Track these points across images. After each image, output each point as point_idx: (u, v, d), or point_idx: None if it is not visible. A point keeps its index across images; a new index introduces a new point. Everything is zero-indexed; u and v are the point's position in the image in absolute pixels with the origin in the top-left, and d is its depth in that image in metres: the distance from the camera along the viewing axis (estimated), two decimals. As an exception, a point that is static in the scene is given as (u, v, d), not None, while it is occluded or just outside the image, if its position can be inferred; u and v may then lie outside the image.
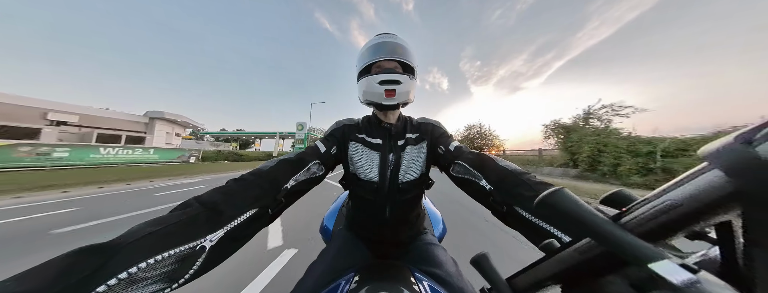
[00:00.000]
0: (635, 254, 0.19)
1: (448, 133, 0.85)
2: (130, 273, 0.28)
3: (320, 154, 0.71)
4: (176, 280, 0.33)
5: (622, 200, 0.29)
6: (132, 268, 0.28)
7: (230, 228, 0.41)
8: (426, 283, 0.54)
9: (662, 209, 0.22)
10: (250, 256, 2.35)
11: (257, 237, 0.50)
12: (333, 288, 0.53)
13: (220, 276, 1.95)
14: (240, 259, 2.05)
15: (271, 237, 2.90)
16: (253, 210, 0.46)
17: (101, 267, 0.27)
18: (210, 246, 0.37)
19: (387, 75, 0.72)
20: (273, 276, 2.03)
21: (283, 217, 1.03)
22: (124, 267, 0.28)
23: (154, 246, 0.31)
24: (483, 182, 0.56)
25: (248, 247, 0.50)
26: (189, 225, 0.36)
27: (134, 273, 0.28)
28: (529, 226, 0.44)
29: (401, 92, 0.73)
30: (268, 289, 1.87)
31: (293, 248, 2.59)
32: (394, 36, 0.81)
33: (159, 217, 0.36)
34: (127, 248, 0.29)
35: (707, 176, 0.20)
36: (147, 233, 0.32)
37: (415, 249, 0.81)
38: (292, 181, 0.58)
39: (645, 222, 0.23)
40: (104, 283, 0.26)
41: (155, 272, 0.31)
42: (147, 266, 0.30)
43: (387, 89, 0.71)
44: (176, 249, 0.33)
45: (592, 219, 0.23)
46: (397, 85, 0.72)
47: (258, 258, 2.36)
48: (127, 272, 0.28)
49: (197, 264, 0.35)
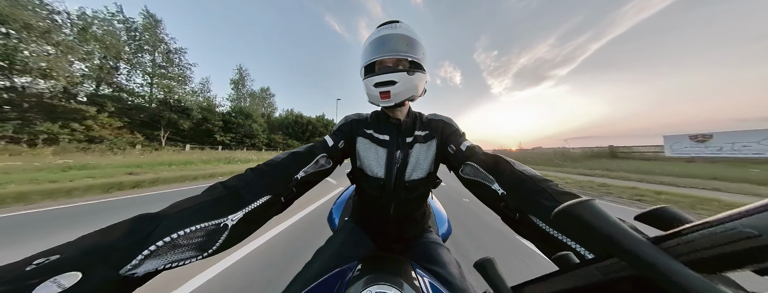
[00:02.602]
0: (681, 284, 0.17)
1: (460, 131, 0.82)
2: (172, 238, 0.35)
3: (328, 148, 0.73)
4: (205, 250, 0.39)
5: (667, 219, 0.25)
6: (173, 234, 0.35)
7: (248, 211, 0.46)
8: (427, 280, 0.54)
9: (729, 238, 0.19)
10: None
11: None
12: (337, 273, 0.57)
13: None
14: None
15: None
16: (267, 197, 0.50)
17: (154, 231, 0.34)
18: (231, 224, 0.43)
19: (381, 76, 0.70)
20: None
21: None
22: (168, 233, 0.35)
23: (190, 218, 0.38)
24: (495, 185, 0.53)
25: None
26: (215, 205, 0.43)
27: (175, 239, 0.35)
28: (544, 237, 0.41)
29: (397, 92, 0.70)
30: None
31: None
32: (396, 26, 0.75)
33: (194, 196, 0.43)
34: (170, 218, 0.37)
35: None
36: (184, 207, 0.39)
37: (419, 246, 0.81)
38: (302, 172, 0.61)
39: (700, 250, 0.20)
40: (154, 244, 0.33)
41: (190, 241, 0.37)
42: (183, 234, 0.36)
43: (382, 90, 0.70)
44: (205, 223, 0.39)
45: (625, 237, 0.21)
46: (392, 86, 0.69)
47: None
48: (170, 237, 0.35)
49: (221, 239, 0.41)
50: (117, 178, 6.44)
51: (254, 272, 2.04)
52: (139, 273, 0.31)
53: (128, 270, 0.30)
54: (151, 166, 9.74)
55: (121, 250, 0.30)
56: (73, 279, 0.25)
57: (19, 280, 0.24)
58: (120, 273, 0.29)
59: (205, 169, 10.12)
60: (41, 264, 0.26)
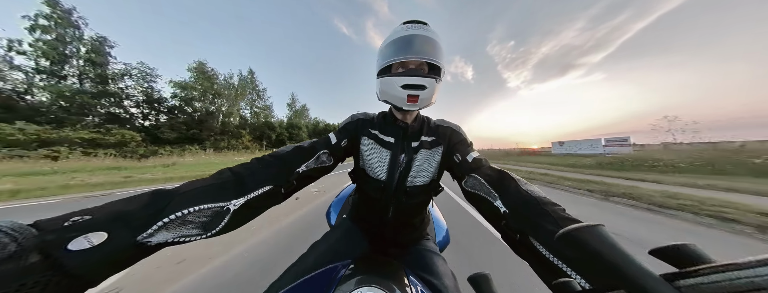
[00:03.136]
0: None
1: (467, 141, 0.81)
2: (183, 214, 0.39)
3: (331, 145, 0.73)
4: (209, 230, 0.42)
5: (688, 257, 0.23)
6: (184, 210, 0.39)
7: (250, 198, 0.49)
8: (419, 288, 0.53)
9: (757, 285, 0.17)
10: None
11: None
12: (330, 269, 0.57)
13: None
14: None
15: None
16: (269, 187, 0.53)
17: (167, 205, 0.38)
18: (233, 209, 0.46)
19: (412, 79, 0.66)
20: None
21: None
22: (179, 208, 0.39)
23: (198, 198, 0.42)
24: (498, 202, 0.52)
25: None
26: (221, 189, 0.46)
27: (185, 215, 0.39)
28: (543, 262, 0.39)
29: (425, 97, 0.68)
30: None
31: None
32: (425, 27, 0.68)
33: (203, 178, 0.48)
34: (182, 195, 0.41)
35: None
36: (194, 187, 0.44)
37: (415, 253, 0.80)
38: (303, 166, 0.63)
39: (720, 292, 0.19)
40: (167, 217, 0.37)
41: (197, 219, 0.41)
42: (192, 212, 0.40)
43: (411, 94, 0.66)
44: (210, 204, 0.43)
45: (634, 269, 0.21)
46: (422, 90, 0.66)
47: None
48: (181, 212, 0.39)
49: (224, 221, 0.44)
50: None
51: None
52: (152, 242, 0.35)
53: (145, 238, 0.34)
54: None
55: (142, 219, 0.35)
56: (101, 238, 0.30)
57: (59, 233, 0.28)
58: (137, 240, 0.33)
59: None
60: (76, 222, 0.30)
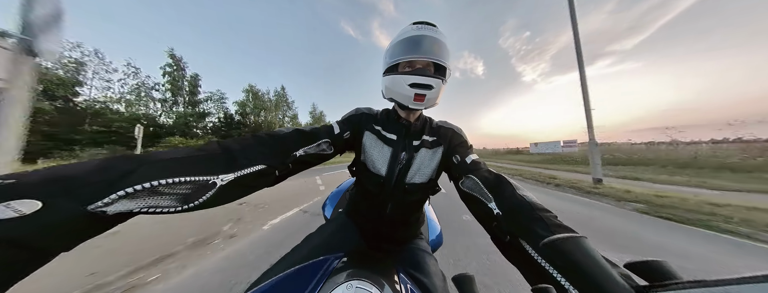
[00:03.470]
0: None
1: (467, 143, 0.82)
2: (153, 185, 0.35)
3: (333, 135, 0.72)
4: (188, 203, 0.39)
5: (658, 272, 0.26)
6: (155, 181, 0.35)
7: (240, 175, 0.46)
8: (409, 286, 0.54)
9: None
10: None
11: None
12: (322, 261, 0.57)
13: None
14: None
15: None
16: (262, 166, 0.50)
17: (132, 173, 0.34)
18: (220, 184, 0.42)
19: (420, 78, 0.67)
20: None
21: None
22: (149, 179, 0.34)
23: (175, 169, 0.38)
24: (492, 204, 0.53)
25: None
26: (207, 161, 0.43)
27: (156, 186, 0.35)
28: (531, 265, 0.40)
29: (431, 97, 0.69)
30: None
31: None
32: (434, 29, 0.70)
33: (183, 148, 0.44)
34: (153, 164, 0.37)
35: None
36: (173, 157, 0.40)
37: (407, 252, 0.81)
38: (301, 151, 0.61)
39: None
40: (132, 186, 0.33)
41: (172, 191, 0.37)
42: (167, 184, 0.36)
43: (418, 93, 0.67)
44: (192, 177, 0.39)
45: (608, 281, 0.22)
46: (429, 90, 0.67)
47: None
48: (151, 183, 0.34)
49: (207, 195, 0.41)
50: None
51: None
52: (109, 212, 0.31)
53: (98, 207, 0.30)
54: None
55: (91, 186, 0.31)
56: (32, 207, 0.25)
57: None
58: (88, 208, 0.30)
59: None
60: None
